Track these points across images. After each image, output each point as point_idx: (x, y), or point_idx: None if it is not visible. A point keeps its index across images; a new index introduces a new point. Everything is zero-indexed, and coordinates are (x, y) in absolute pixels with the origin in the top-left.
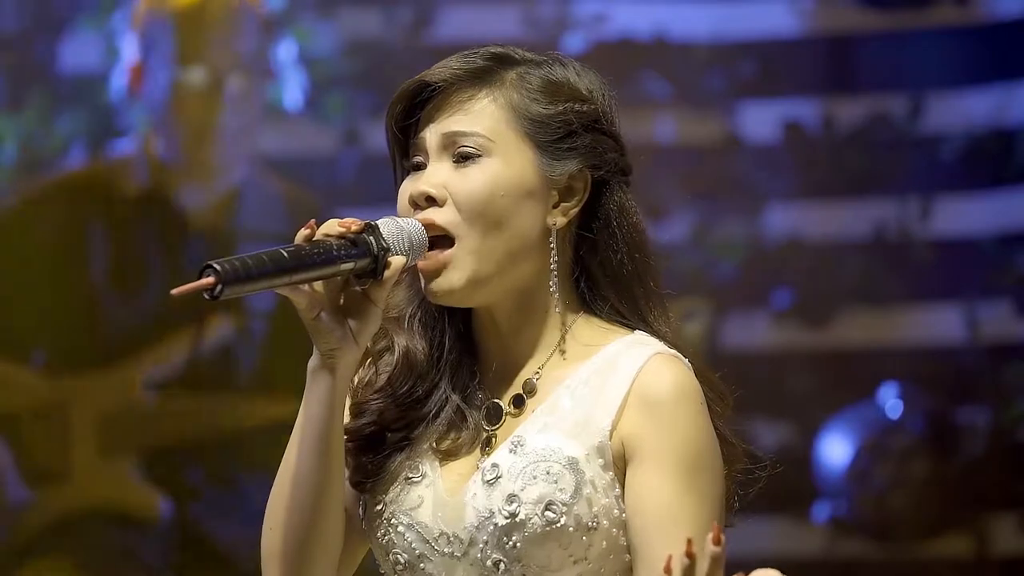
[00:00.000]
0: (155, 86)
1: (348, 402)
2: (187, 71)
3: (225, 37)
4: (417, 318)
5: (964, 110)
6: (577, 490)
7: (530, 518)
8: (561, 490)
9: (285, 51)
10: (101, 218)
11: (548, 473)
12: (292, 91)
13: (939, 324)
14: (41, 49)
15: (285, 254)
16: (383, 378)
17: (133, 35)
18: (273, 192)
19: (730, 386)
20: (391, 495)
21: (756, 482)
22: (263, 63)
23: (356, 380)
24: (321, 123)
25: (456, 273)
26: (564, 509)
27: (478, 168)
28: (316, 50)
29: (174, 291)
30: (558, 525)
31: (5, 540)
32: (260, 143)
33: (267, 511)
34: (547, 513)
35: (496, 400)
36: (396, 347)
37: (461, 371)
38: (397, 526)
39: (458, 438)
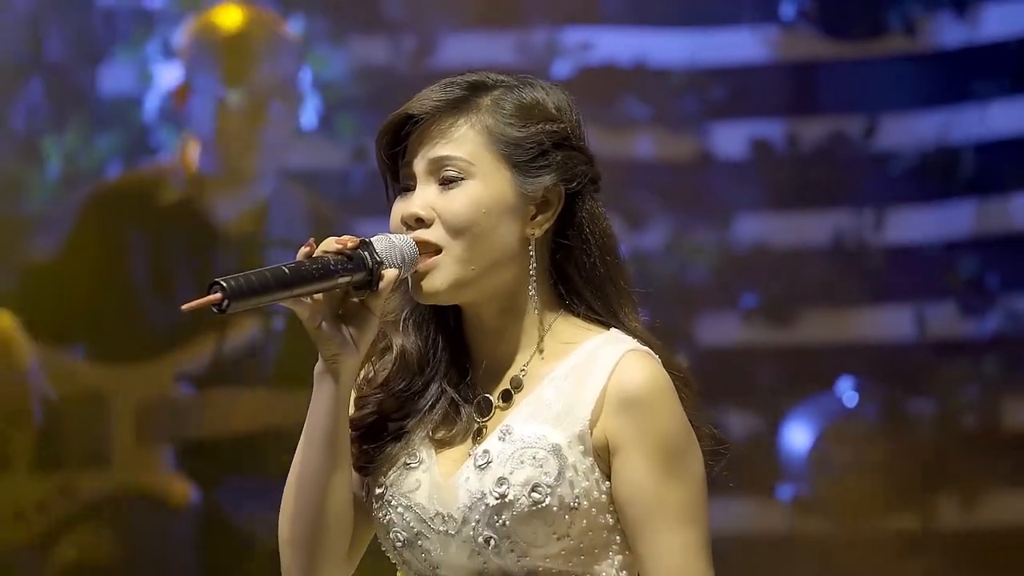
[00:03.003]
0: (201, 104)
1: (353, 395)
2: (231, 92)
3: (264, 62)
4: (412, 320)
5: (913, 130)
6: (560, 473)
7: (518, 499)
8: (546, 473)
9: (301, 76)
10: (143, 222)
11: (534, 458)
12: (308, 112)
13: (891, 323)
14: (82, 75)
15: (286, 270)
16: (383, 374)
17: (179, 58)
18: (298, 204)
19: (703, 379)
20: (391, 479)
21: (720, 459)
22: (296, 85)
23: (360, 376)
24: (333, 141)
25: (439, 277)
26: (549, 491)
27: (461, 190)
28: (329, 75)
29: (184, 306)
30: (543, 505)
31: (48, 518)
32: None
33: (282, 503)
34: (533, 494)
35: (487, 395)
36: (394, 347)
37: (453, 369)
38: (396, 507)
39: (452, 429)
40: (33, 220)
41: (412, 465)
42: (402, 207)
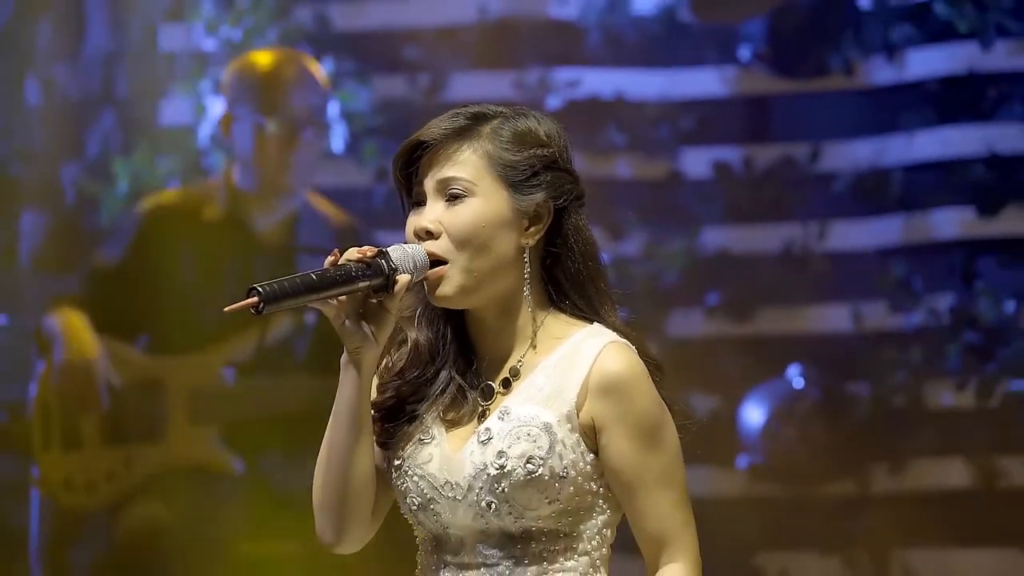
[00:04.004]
0: (242, 131)
1: (376, 382)
2: (267, 120)
3: (295, 95)
4: (424, 317)
5: (851, 155)
6: (551, 447)
7: (515, 469)
8: (539, 447)
9: (331, 108)
10: (192, 232)
11: (529, 435)
12: (337, 139)
13: (832, 319)
14: (146, 108)
15: (314, 276)
16: (400, 364)
17: (223, 92)
18: (324, 217)
19: (674, 366)
20: (407, 452)
21: (688, 432)
22: (323, 115)
23: (381, 365)
24: (359, 164)
25: (449, 285)
26: (541, 462)
27: (464, 206)
28: (355, 107)
29: (226, 309)
30: (536, 474)
31: (115, 487)
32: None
33: (315, 472)
34: (528, 465)
35: (489, 382)
36: (409, 340)
37: (461, 359)
38: (412, 476)
39: (460, 411)
40: (104, 231)
41: (425, 441)
42: (414, 221)
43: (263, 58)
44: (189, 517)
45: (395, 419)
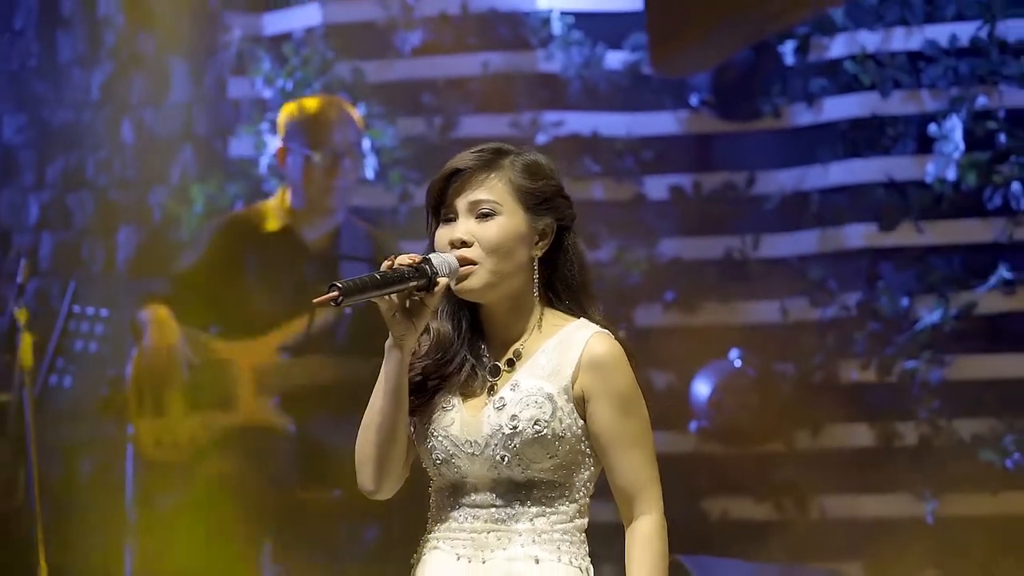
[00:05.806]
0: (294, 162)
1: None
2: (314, 153)
3: (336, 132)
4: (445, 311)
5: (779, 181)
6: (553, 413)
7: (524, 430)
8: (544, 412)
9: (364, 143)
10: (254, 242)
11: (536, 402)
12: (368, 169)
13: (764, 312)
14: (218, 143)
15: (378, 276)
16: (426, 348)
17: (278, 130)
18: (361, 230)
19: (638, 350)
20: (433, 418)
21: (652, 409)
22: (359, 149)
23: None
24: (386, 188)
25: (476, 279)
26: (546, 424)
27: (493, 222)
28: (383, 143)
29: (315, 300)
30: (542, 434)
31: (195, 446)
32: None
33: (359, 433)
34: (535, 426)
35: (496, 363)
36: (431, 330)
37: (474, 346)
38: (438, 436)
39: (473, 385)
40: (184, 244)
41: (448, 409)
42: (448, 233)
43: (311, 103)
44: (252, 469)
45: (422, 393)
